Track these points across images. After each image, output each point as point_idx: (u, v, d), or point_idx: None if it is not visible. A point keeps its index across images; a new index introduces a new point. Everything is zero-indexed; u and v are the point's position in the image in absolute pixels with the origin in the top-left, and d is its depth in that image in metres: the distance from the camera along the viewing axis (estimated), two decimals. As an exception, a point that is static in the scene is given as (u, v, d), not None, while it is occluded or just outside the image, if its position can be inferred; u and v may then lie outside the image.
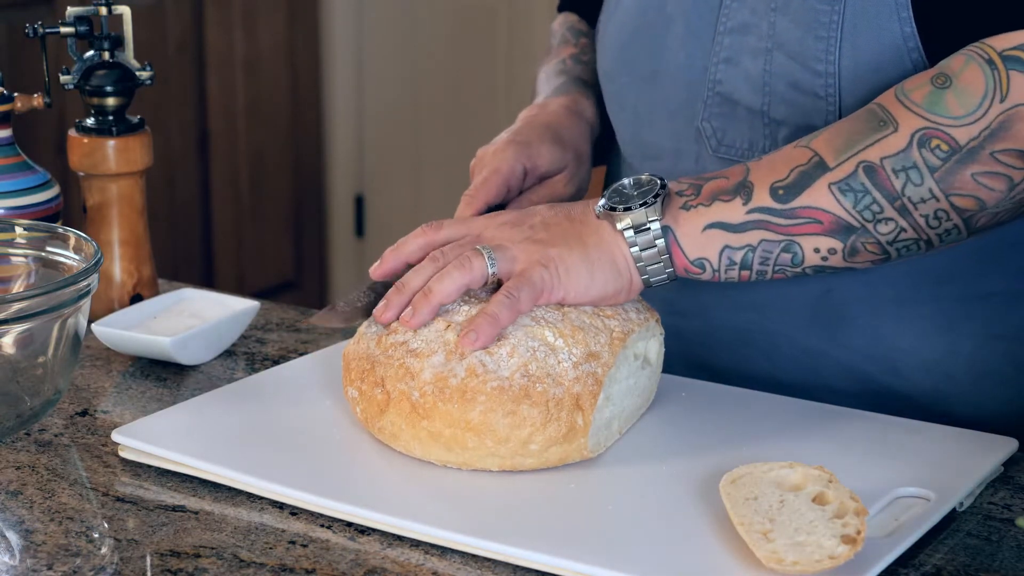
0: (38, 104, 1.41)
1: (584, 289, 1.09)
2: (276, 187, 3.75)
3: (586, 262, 1.09)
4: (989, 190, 1.07)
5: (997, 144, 1.06)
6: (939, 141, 1.06)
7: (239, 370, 1.30)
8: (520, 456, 1.05)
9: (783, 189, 1.09)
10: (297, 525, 1.02)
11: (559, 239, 1.10)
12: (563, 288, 1.08)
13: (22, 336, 1.12)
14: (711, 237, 1.10)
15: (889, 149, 1.07)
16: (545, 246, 1.09)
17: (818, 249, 1.09)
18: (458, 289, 1.08)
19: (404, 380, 1.07)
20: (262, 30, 3.65)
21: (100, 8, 1.40)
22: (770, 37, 1.19)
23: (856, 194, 1.07)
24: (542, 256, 1.09)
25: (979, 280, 1.21)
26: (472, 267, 1.08)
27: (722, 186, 1.10)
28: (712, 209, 1.10)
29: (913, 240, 1.09)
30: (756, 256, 1.10)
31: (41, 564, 0.97)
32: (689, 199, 1.10)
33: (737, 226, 1.09)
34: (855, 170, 1.07)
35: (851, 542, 0.92)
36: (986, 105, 1.06)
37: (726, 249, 1.10)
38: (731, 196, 1.10)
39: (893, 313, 1.22)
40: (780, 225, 1.09)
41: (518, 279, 1.08)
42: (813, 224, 1.08)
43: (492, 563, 0.97)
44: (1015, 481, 1.09)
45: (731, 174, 1.11)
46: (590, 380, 1.06)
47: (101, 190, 1.41)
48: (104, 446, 1.14)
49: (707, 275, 1.11)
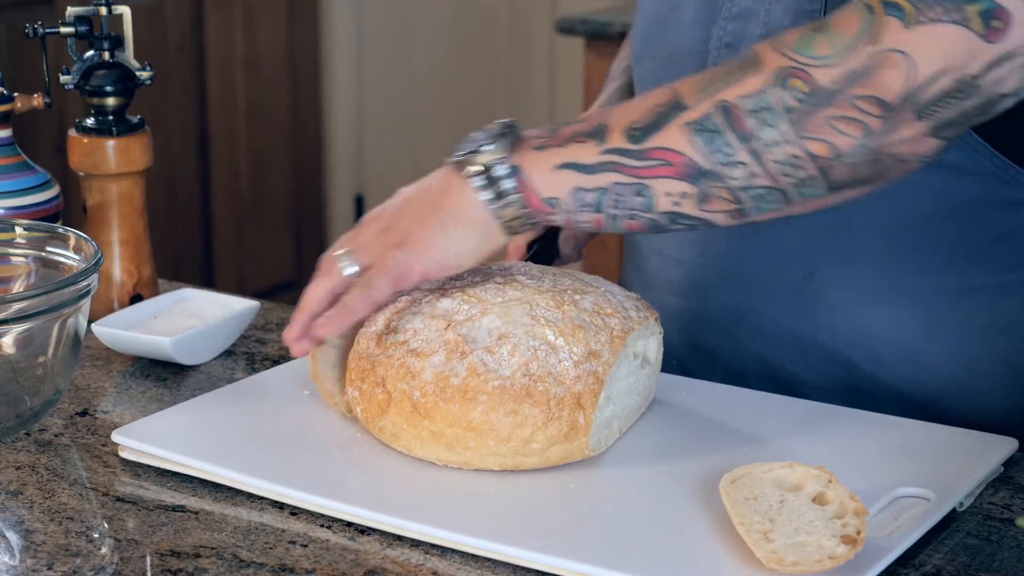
0: (38, 104, 1.41)
1: (439, 256, 1.08)
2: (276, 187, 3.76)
3: (439, 228, 1.08)
4: (843, 135, 1.02)
5: (857, 88, 1.01)
6: (799, 81, 1.02)
7: (239, 370, 1.30)
8: (521, 455, 1.05)
9: (638, 130, 1.05)
10: (297, 525, 1.02)
11: (411, 216, 1.10)
12: (421, 263, 1.08)
13: (22, 336, 1.12)
14: (563, 176, 1.07)
15: (748, 88, 1.04)
16: (397, 229, 1.10)
17: (670, 193, 1.05)
18: (322, 297, 1.11)
19: (405, 380, 1.07)
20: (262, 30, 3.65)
21: (100, 8, 1.40)
22: (765, 24, 1.21)
23: (709, 135, 1.04)
24: (394, 239, 1.09)
25: (964, 273, 1.21)
26: (332, 273, 1.11)
27: (579, 129, 1.08)
28: (566, 150, 1.07)
29: (766, 189, 1.05)
30: (608, 199, 1.06)
31: (41, 564, 0.97)
32: (544, 141, 1.08)
33: (589, 167, 1.06)
34: (711, 110, 1.04)
35: (851, 542, 0.92)
36: (854, 47, 1.02)
37: (578, 190, 1.06)
38: (586, 138, 1.07)
39: (874, 300, 1.22)
40: (632, 167, 1.05)
41: (375, 268, 1.09)
42: (664, 166, 1.05)
43: (492, 563, 0.97)
44: (1015, 481, 1.09)
45: (591, 118, 1.09)
46: (591, 379, 1.06)
47: (101, 190, 1.41)
48: (104, 446, 1.14)
49: (559, 216, 1.08)
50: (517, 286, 1.10)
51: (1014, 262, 1.20)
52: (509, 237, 1.09)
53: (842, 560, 0.91)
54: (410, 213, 1.10)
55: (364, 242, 1.11)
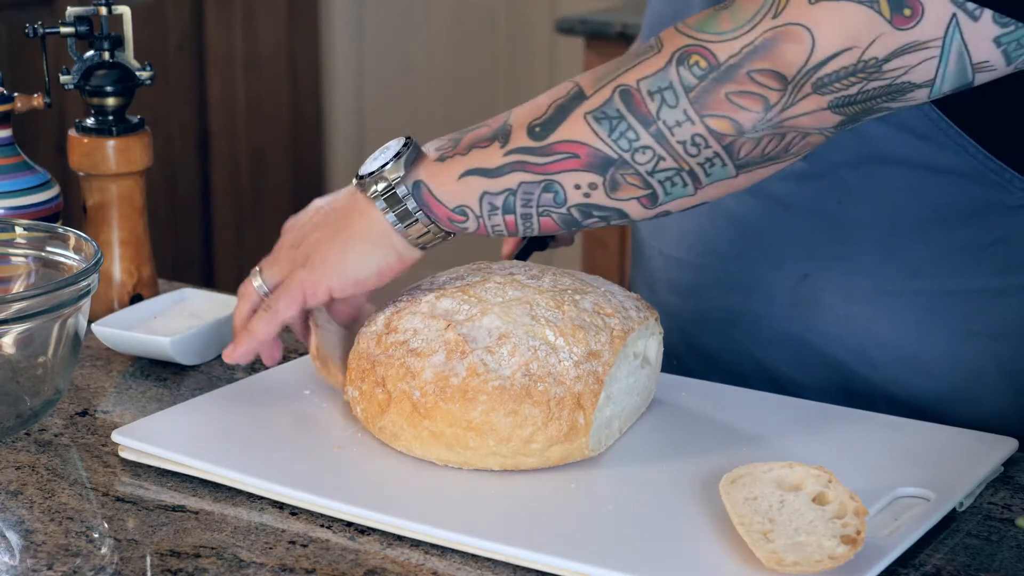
0: (38, 104, 1.41)
1: (342, 274, 1.10)
2: (276, 187, 3.76)
3: (340, 245, 1.10)
4: (744, 111, 1.00)
5: (756, 63, 0.99)
6: (698, 57, 1.00)
7: (239, 370, 1.30)
8: (521, 455, 1.05)
9: (539, 126, 1.04)
10: (297, 525, 1.02)
11: (320, 233, 1.11)
12: (324, 280, 1.10)
13: (22, 336, 1.12)
14: (468, 184, 1.06)
15: (647, 70, 1.01)
16: (304, 246, 1.11)
17: (579, 185, 1.04)
18: (244, 316, 1.14)
19: (405, 379, 1.07)
20: (262, 30, 3.65)
21: (100, 8, 1.40)
22: None
23: (611, 121, 1.02)
24: (300, 256, 1.11)
25: (959, 275, 1.21)
26: (247, 292, 1.14)
27: (481, 134, 1.07)
28: (469, 157, 1.07)
29: (675, 171, 1.02)
30: (517, 199, 1.05)
31: (41, 564, 0.97)
32: (445, 151, 1.08)
33: (495, 170, 1.05)
34: (611, 96, 1.02)
35: (851, 542, 0.92)
36: (755, 20, 0.99)
37: (485, 195, 1.06)
38: (489, 142, 1.06)
39: (870, 304, 1.22)
40: (538, 164, 1.04)
41: (279, 289, 1.12)
42: (570, 159, 1.03)
43: (492, 563, 0.97)
44: (1015, 481, 1.09)
45: (493, 121, 1.08)
46: (591, 379, 1.06)
47: (101, 190, 1.41)
48: (104, 446, 1.14)
49: (471, 223, 1.07)
50: (517, 286, 1.10)
51: (1010, 266, 1.20)
52: (421, 252, 1.11)
53: (842, 560, 0.91)
54: (318, 230, 1.12)
55: (274, 259, 1.14)
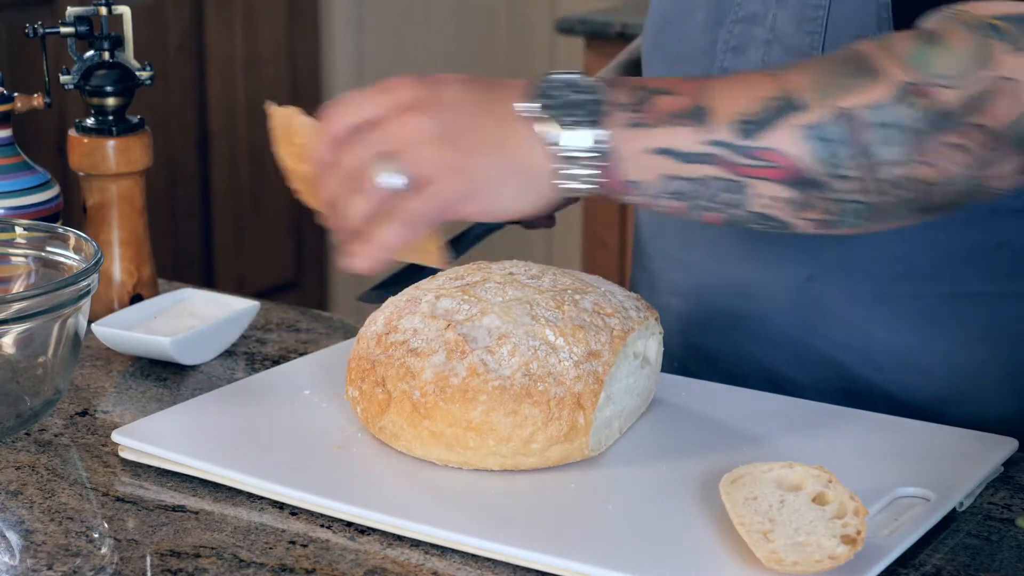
0: (38, 104, 1.41)
1: (489, 205, 0.99)
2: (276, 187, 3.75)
3: (500, 175, 0.99)
4: (953, 163, 0.98)
5: (974, 116, 0.97)
6: (924, 99, 0.97)
7: (239, 370, 1.30)
8: (521, 455, 1.05)
9: (749, 123, 0.98)
10: (297, 525, 1.02)
11: (476, 143, 0.99)
12: (470, 204, 0.99)
13: (22, 336, 1.12)
14: (656, 161, 0.99)
15: (871, 98, 0.97)
16: (458, 150, 0.98)
17: (767, 196, 0.99)
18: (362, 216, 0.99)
19: (405, 380, 1.07)
20: (262, 30, 3.65)
21: (100, 8, 1.40)
22: (771, 29, 1.21)
23: (826, 143, 0.97)
24: (453, 162, 0.98)
25: (963, 280, 1.21)
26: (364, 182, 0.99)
27: (675, 106, 0.99)
28: (662, 132, 0.98)
29: (865, 205, 0.99)
30: (699, 191, 1.00)
31: (41, 564, 0.97)
32: (637, 115, 0.99)
33: (687, 155, 0.98)
34: (831, 116, 0.97)
35: (851, 542, 0.92)
36: (972, 70, 0.97)
37: (669, 178, 0.99)
38: (686, 121, 0.98)
39: (872, 306, 1.22)
40: (735, 163, 0.98)
41: (424, 195, 0.98)
42: (771, 169, 0.98)
43: (492, 563, 0.97)
44: (1015, 481, 1.09)
45: (684, 90, 1.00)
46: (591, 379, 1.06)
47: (101, 190, 1.41)
48: (104, 446, 1.14)
49: (639, 198, 1.00)
50: (517, 286, 1.10)
51: (1014, 270, 1.20)
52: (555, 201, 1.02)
53: (842, 560, 0.91)
54: (473, 133, 0.99)
55: (410, 138, 0.98)
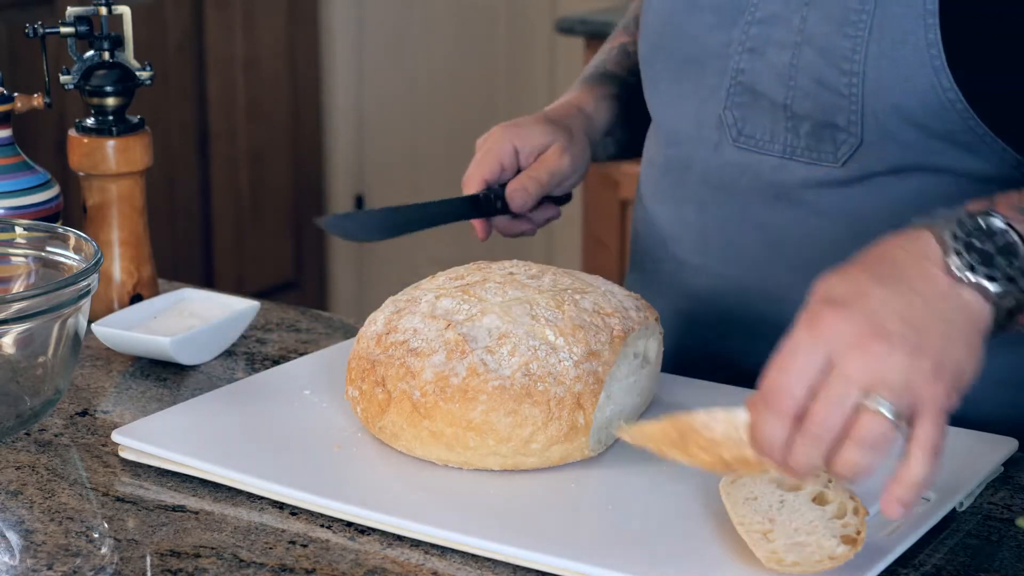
0: (38, 104, 1.41)
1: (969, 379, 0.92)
2: (276, 187, 3.76)
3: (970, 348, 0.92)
4: None
5: None
6: None
7: (239, 370, 1.30)
8: (521, 455, 1.05)
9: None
10: (297, 525, 1.02)
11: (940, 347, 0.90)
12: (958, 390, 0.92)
13: (22, 336, 1.12)
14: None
15: None
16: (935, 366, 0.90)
17: None
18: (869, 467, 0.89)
19: (405, 379, 1.07)
20: (262, 30, 3.65)
21: (100, 8, 1.40)
22: (800, 31, 1.20)
23: None
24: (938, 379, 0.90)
25: None
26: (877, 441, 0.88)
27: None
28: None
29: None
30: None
31: (41, 564, 0.97)
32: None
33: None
34: None
35: (851, 542, 0.92)
36: None
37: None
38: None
39: None
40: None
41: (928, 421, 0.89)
42: None
43: (492, 563, 0.97)
44: (1015, 481, 1.09)
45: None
46: (591, 379, 1.06)
47: (101, 190, 1.41)
48: (104, 446, 1.14)
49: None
50: (517, 286, 1.10)
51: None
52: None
53: (842, 560, 0.91)
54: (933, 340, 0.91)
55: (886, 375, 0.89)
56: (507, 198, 1.36)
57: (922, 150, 1.18)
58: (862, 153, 1.19)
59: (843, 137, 1.19)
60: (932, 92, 1.15)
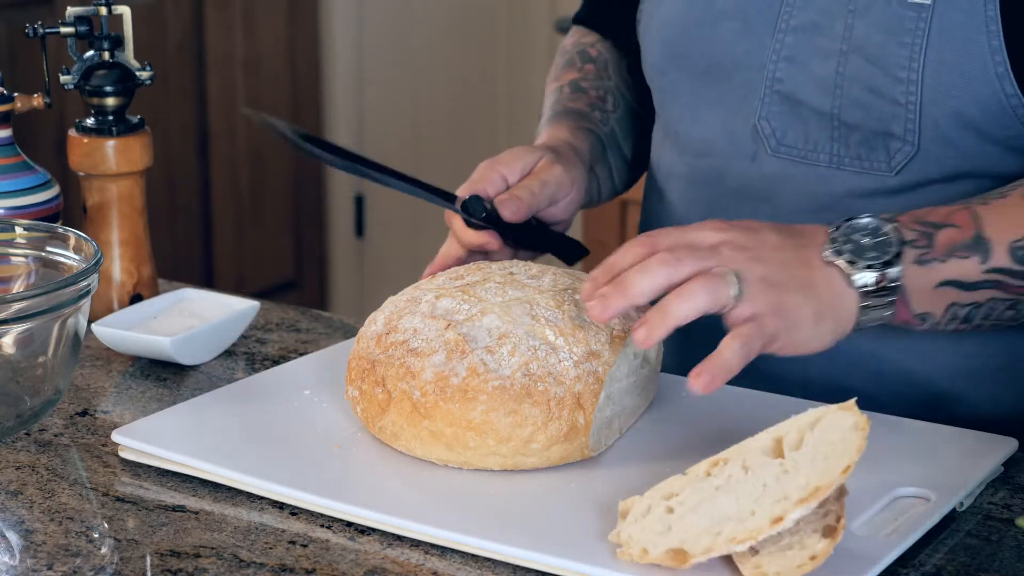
0: (38, 104, 1.41)
1: (803, 344, 1.04)
2: (276, 187, 3.75)
3: (815, 317, 1.03)
4: None
5: None
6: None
7: (239, 370, 1.30)
8: (521, 455, 1.05)
9: (1021, 249, 1.08)
10: (297, 525, 1.02)
11: (794, 285, 1.03)
12: (785, 341, 1.03)
13: (22, 336, 1.12)
14: (942, 294, 1.08)
15: None
16: (780, 291, 1.02)
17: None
18: (696, 312, 0.99)
19: (405, 379, 1.07)
20: (262, 30, 3.65)
21: (100, 8, 1.40)
22: (845, 39, 1.19)
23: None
24: (777, 303, 1.02)
25: None
26: (717, 291, 1.00)
27: (956, 239, 1.07)
28: (947, 266, 1.07)
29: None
30: (980, 311, 1.10)
31: (41, 564, 0.97)
32: (923, 252, 1.07)
33: (971, 285, 1.08)
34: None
35: (831, 533, 0.91)
36: None
37: (953, 306, 1.09)
38: (967, 252, 1.07)
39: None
40: (1014, 286, 1.09)
41: (754, 326, 1.01)
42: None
43: (492, 563, 0.97)
44: (1015, 481, 1.09)
45: (960, 221, 1.08)
46: (591, 379, 1.06)
47: (101, 190, 1.41)
48: (104, 446, 1.14)
49: (926, 326, 1.10)
50: (517, 286, 1.10)
51: None
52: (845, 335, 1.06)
53: (823, 557, 0.90)
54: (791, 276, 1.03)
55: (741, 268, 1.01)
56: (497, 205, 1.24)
57: (976, 156, 1.17)
58: (917, 161, 1.18)
59: (898, 145, 1.18)
60: (994, 99, 1.14)
